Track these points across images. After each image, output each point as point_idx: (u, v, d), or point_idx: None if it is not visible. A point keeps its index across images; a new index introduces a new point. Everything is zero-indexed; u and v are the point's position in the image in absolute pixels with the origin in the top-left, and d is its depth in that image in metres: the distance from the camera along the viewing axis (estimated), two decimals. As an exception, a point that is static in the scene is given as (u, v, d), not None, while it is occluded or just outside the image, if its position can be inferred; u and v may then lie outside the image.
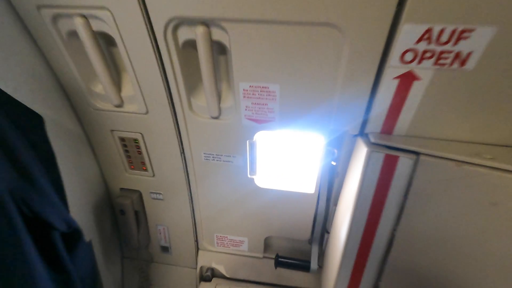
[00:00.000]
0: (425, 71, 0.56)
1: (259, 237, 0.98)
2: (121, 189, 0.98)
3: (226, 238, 1.01)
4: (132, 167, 0.92)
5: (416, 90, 0.58)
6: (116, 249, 1.08)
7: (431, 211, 0.61)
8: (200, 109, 0.75)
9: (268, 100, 0.68)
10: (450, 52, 0.52)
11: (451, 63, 0.54)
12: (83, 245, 0.74)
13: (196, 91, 0.74)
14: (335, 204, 0.85)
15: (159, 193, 0.96)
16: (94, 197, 0.94)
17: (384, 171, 0.62)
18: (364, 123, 0.67)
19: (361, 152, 0.64)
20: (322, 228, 0.92)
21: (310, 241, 0.97)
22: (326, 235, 0.92)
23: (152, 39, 0.64)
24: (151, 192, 0.96)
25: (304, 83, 0.63)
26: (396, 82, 0.58)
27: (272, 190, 0.85)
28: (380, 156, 0.61)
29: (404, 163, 0.60)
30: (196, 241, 1.05)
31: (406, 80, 0.58)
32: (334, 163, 0.84)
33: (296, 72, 0.62)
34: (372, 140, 0.64)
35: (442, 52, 0.53)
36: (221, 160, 0.83)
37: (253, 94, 0.68)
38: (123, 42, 0.65)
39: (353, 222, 0.69)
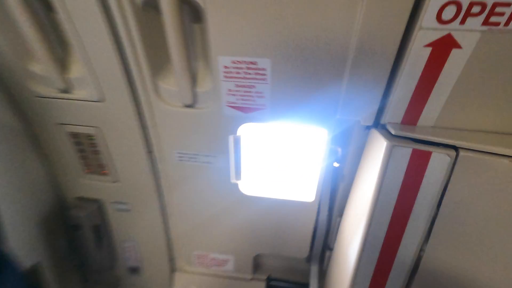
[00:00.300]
0: (469, 34, 0.41)
1: (247, 255, 0.82)
2: (77, 198, 0.80)
3: (207, 257, 0.84)
4: (89, 170, 0.74)
5: (454, 63, 0.44)
6: (74, 273, 0.89)
7: (474, 225, 0.46)
8: (169, 94, 0.59)
9: (257, 81, 0.52)
10: (507, 4, 0.38)
11: (507, 22, 0.39)
12: (11, 273, 0.56)
13: (163, 70, 0.58)
14: (340, 215, 0.69)
15: (124, 203, 0.78)
16: (42, 209, 0.76)
17: (410, 171, 0.46)
18: (381, 111, 0.52)
19: (379, 148, 0.49)
20: (323, 244, 0.76)
21: (309, 260, 0.81)
22: (328, 252, 0.76)
23: (100, -4, 0.48)
24: (114, 202, 0.78)
25: (304, 57, 0.48)
26: (428, 51, 0.43)
27: (262, 199, 0.69)
28: (405, 152, 0.46)
29: (438, 161, 0.45)
30: (172, 260, 0.87)
31: (442, 49, 0.43)
32: (337, 165, 0.69)
33: (294, 41, 0.47)
34: (393, 131, 0.49)
35: (496, 5, 0.38)
36: (198, 161, 0.66)
37: (236, 73, 0.52)
38: (62, 1, 0.49)
39: (367, 238, 0.53)
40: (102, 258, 0.84)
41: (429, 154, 0.45)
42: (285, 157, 0.66)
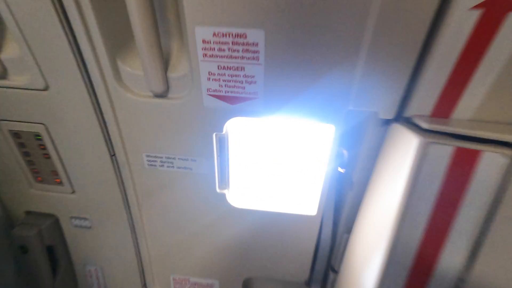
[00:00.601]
0: (535, -11, 0.30)
1: (235, 279, 0.69)
2: (27, 213, 0.65)
3: (187, 281, 0.70)
4: (39, 179, 0.60)
5: (510, 32, 0.33)
6: (24, 302, 0.73)
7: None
8: (134, 80, 0.46)
9: (246, 60, 0.40)
10: None
11: None
12: None
13: (125, 49, 0.45)
14: (348, 230, 0.57)
15: (85, 218, 0.64)
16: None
17: (452, 176, 0.35)
18: (404, 101, 0.41)
19: (407, 146, 0.37)
20: (326, 265, 0.64)
21: (309, 283, 0.68)
22: (332, 275, 0.64)
23: None
24: (73, 217, 0.64)
25: (308, 27, 0.36)
26: (475, 16, 0.32)
27: (253, 212, 0.57)
28: (445, 151, 0.34)
29: (491, 163, 0.33)
30: (144, 286, 0.73)
31: (495, 11, 0.32)
32: (342, 170, 0.58)
33: (295, 6, 0.35)
34: (425, 125, 0.37)
35: None
36: (174, 166, 0.53)
37: (219, 49, 0.40)
38: None
39: (391, 260, 0.41)
40: (59, 286, 0.69)
41: (477, 153, 0.33)
42: (282, 160, 0.54)
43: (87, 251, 0.69)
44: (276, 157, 0.54)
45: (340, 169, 0.58)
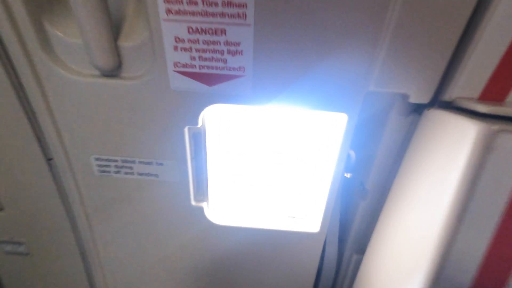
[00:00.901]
0: None
1: (217, 312, 0.55)
2: None
3: (157, 317, 0.56)
4: (-47, 192, 0.45)
5: None
6: None
7: None
8: (70, 51, 0.33)
9: (228, 20, 0.28)
10: None
11: None
12: None
13: (55, 6, 0.32)
14: (360, 251, 0.46)
15: (19, 243, 0.49)
16: None
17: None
18: (444, 80, 0.30)
19: (458, 137, 0.26)
20: (330, 292, 0.52)
21: (309, 315, 0.56)
22: (337, 304, 0.52)
23: None
24: (3, 242, 0.49)
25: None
26: None
27: (239, 230, 0.44)
28: (523, 144, 0.23)
29: None
30: (103, 324, 0.58)
31: None
32: (348, 175, 0.47)
33: None
34: (483, 109, 0.27)
35: None
36: (133, 173, 0.40)
37: (190, 2, 0.28)
38: None
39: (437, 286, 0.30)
40: (-13, 331, 0.54)
41: None
42: (277, 163, 0.42)
43: (25, 285, 0.53)
44: (269, 159, 0.41)
45: (346, 175, 0.48)
